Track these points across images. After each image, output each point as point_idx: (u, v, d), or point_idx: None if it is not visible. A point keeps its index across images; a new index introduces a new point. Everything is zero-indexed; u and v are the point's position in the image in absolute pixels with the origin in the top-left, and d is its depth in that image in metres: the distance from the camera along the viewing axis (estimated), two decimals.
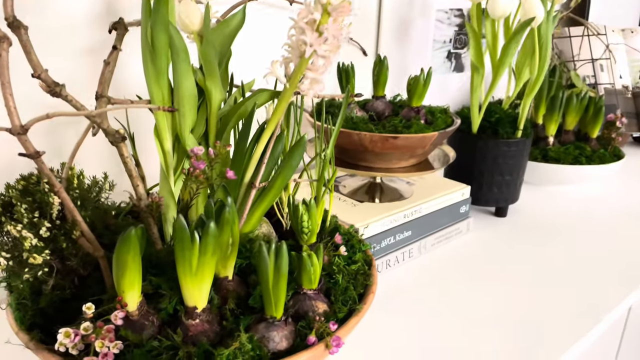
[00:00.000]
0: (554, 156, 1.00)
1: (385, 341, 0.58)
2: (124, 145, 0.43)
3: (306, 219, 0.51)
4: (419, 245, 0.76)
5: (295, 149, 0.49)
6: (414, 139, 0.68)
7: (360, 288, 0.49)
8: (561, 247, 0.81)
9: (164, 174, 0.51)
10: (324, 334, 0.42)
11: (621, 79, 1.30)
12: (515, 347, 0.58)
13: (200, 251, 0.40)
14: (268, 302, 0.42)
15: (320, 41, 0.44)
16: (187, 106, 0.49)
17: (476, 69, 0.80)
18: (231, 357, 0.39)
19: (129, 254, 0.38)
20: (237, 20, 0.51)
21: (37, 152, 0.36)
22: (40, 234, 0.40)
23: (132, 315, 0.40)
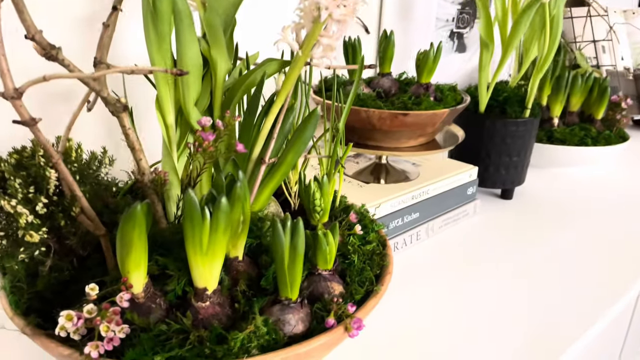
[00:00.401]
0: (560, 137, 0.98)
1: (395, 324, 0.56)
2: (125, 115, 0.40)
3: (318, 196, 0.48)
4: (426, 228, 0.74)
5: (307, 121, 0.46)
6: (424, 115, 0.65)
7: (377, 269, 0.47)
8: (570, 230, 0.79)
9: (167, 149, 0.48)
10: (342, 316, 0.40)
11: (623, 60, 1.29)
12: (527, 330, 0.56)
13: (211, 228, 0.37)
14: (283, 283, 0.40)
15: (335, 3, 0.41)
16: (191, 76, 0.46)
17: (485, 46, 0.77)
18: (246, 341, 0.36)
19: (135, 230, 0.35)
20: None
21: (32, 119, 0.33)
22: (37, 210, 0.37)
23: (138, 298, 0.37)
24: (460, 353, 0.52)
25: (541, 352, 0.52)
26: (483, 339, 0.54)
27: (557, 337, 0.55)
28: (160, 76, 0.46)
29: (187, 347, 0.35)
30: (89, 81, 0.38)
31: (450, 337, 0.54)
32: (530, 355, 0.52)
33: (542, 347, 0.53)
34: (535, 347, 0.53)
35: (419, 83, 0.71)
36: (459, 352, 0.52)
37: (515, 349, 0.53)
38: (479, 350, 0.53)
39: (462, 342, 0.54)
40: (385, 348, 0.53)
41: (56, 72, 0.33)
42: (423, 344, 0.53)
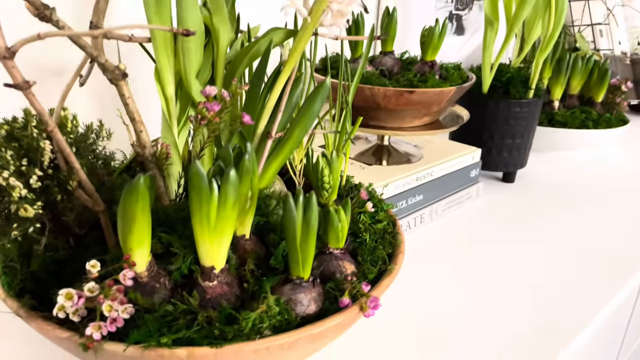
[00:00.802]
0: (561, 120, 0.96)
1: (400, 304, 0.54)
2: (124, 83, 0.38)
3: (327, 173, 0.46)
4: (430, 210, 0.72)
5: (316, 93, 0.44)
6: (431, 93, 0.63)
7: (389, 248, 0.45)
8: (572, 212, 0.78)
9: (167, 123, 0.45)
10: (357, 295, 0.38)
11: (620, 44, 1.28)
12: (531, 310, 0.54)
13: (219, 202, 0.34)
14: (295, 261, 0.37)
15: None
16: (193, 44, 0.43)
17: (490, 23, 0.75)
18: (257, 321, 0.34)
19: (138, 204, 0.33)
20: None
21: (26, 82, 0.30)
22: (31, 184, 0.34)
23: (141, 277, 0.35)
24: (465, 333, 0.51)
25: (545, 330, 0.51)
26: (487, 319, 0.53)
27: (560, 316, 0.53)
28: (160, 45, 0.43)
29: (195, 328, 0.33)
30: (86, 45, 0.36)
31: (459, 319, 0.53)
32: (535, 334, 0.50)
33: (546, 325, 0.52)
34: (539, 326, 0.52)
35: (423, 61, 0.69)
36: (463, 332, 0.51)
37: (518, 327, 0.51)
38: (483, 330, 0.51)
39: (467, 322, 0.52)
40: (389, 328, 0.51)
41: (51, 31, 0.30)
42: (428, 325, 0.52)
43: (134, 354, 0.32)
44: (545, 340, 0.50)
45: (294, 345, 0.35)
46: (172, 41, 0.43)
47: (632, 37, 1.30)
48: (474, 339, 0.50)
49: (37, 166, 0.35)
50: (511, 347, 0.49)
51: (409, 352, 0.48)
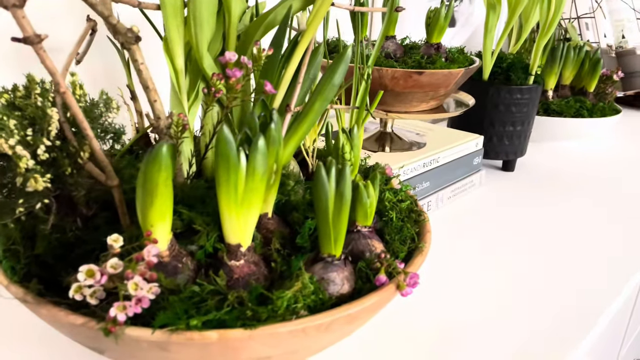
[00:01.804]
0: (556, 109, 0.96)
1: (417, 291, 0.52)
2: (137, 48, 0.34)
3: (348, 149, 0.43)
4: (436, 198, 0.71)
5: (337, 63, 0.41)
6: (440, 74, 0.61)
7: (415, 227, 0.43)
8: (571, 199, 0.77)
9: (177, 97, 0.42)
10: (393, 273, 0.35)
11: (605, 37, 1.29)
12: (543, 298, 0.53)
13: (247, 172, 0.32)
14: (326, 238, 0.35)
15: None
16: (205, 12, 0.40)
17: (492, 7, 0.74)
18: (292, 301, 0.31)
19: (161, 174, 0.30)
20: None
21: (37, 36, 0.27)
22: (38, 154, 0.31)
23: (163, 257, 0.32)
24: (470, 319, 0.49)
25: (547, 317, 0.49)
26: (494, 305, 0.51)
27: (563, 298, 0.52)
28: (170, 12, 0.40)
29: (226, 310, 0.30)
30: (96, 3, 0.32)
31: (462, 309, 0.51)
32: (540, 321, 0.49)
33: (548, 310, 0.50)
34: (541, 312, 0.50)
35: (429, 43, 0.67)
36: (469, 318, 0.49)
37: (523, 313, 0.50)
38: (488, 316, 0.49)
39: (474, 313, 0.50)
40: (394, 315, 0.49)
41: None
42: (434, 313, 0.50)
43: (160, 338, 0.29)
44: (550, 323, 0.49)
45: (330, 327, 0.32)
46: (183, 9, 0.41)
47: (617, 30, 1.31)
48: (479, 323, 0.48)
49: (44, 136, 0.31)
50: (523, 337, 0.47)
51: (408, 344, 0.46)
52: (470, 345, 0.45)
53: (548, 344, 0.46)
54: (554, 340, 0.46)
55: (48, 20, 0.54)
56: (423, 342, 0.45)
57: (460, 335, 0.46)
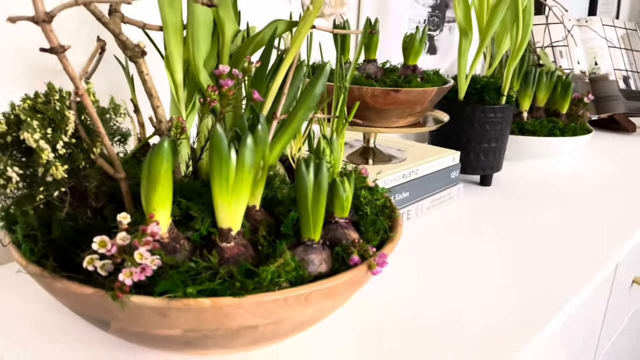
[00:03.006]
0: (530, 129, 1.02)
1: (386, 292, 0.57)
2: (143, 61, 0.40)
3: (328, 152, 0.49)
4: (416, 208, 0.76)
5: (318, 77, 0.47)
6: (415, 92, 0.67)
7: (388, 221, 0.48)
8: (547, 212, 0.82)
9: (176, 107, 0.48)
10: (365, 255, 0.40)
11: (579, 64, 1.37)
12: (508, 302, 0.58)
13: (237, 165, 0.37)
14: (306, 224, 0.40)
15: None
16: (202, 33, 0.46)
17: (464, 33, 0.81)
18: (275, 275, 0.36)
19: (163, 165, 0.35)
20: None
21: (61, 46, 0.32)
22: (57, 149, 0.36)
23: (163, 238, 0.37)
24: (443, 325, 0.53)
25: (519, 323, 0.54)
26: (460, 302, 0.56)
27: (549, 306, 0.57)
28: (171, 33, 0.46)
29: (218, 281, 0.35)
30: (108, 22, 0.38)
31: (435, 306, 0.56)
32: (509, 327, 0.53)
33: (520, 318, 0.55)
34: (513, 319, 0.54)
35: (406, 65, 0.74)
36: (441, 323, 0.53)
37: (495, 318, 0.54)
38: (461, 323, 0.54)
39: (439, 313, 0.55)
40: (371, 316, 0.53)
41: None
42: (402, 314, 0.54)
43: (160, 304, 0.34)
44: (521, 329, 0.53)
45: (309, 298, 0.37)
46: (182, 31, 0.46)
47: (590, 57, 1.39)
48: (451, 330, 0.52)
49: (62, 134, 0.37)
50: (480, 338, 0.52)
51: (375, 341, 0.50)
52: (435, 336, 0.50)
53: (505, 340, 0.50)
54: (510, 336, 0.51)
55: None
56: (392, 333, 0.50)
57: (427, 327, 0.51)
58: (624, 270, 0.87)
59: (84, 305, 0.36)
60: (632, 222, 0.80)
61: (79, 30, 0.61)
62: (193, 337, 0.37)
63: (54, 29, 0.32)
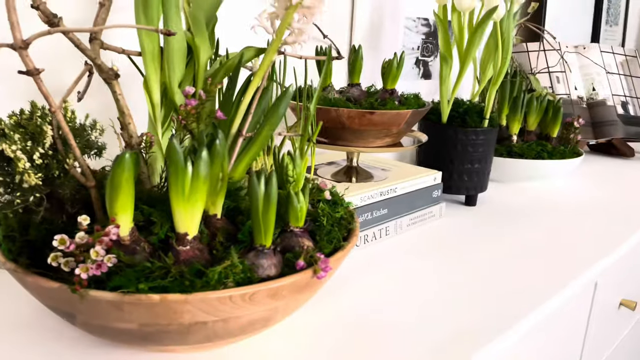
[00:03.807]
0: (518, 152, 1.05)
1: (359, 305, 0.60)
2: (116, 82, 0.45)
3: (291, 167, 0.52)
4: (395, 225, 0.79)
5: (281, 98, 0.51)
6: (390, 114, 0.71)
7: (344, 231, 0.51)
8: (525, 232, 0.84)
9: (152, 125, 0.53)
10: (312, 261, 0.44)
11: (576, 90, 1.39)
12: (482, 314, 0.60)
13: (193, 175, 0.41)
14: (258, 231, 0.44)
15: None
16: (176, 58, 0.51)
17: (445, 60, 0.85)
18: (223, 275, 0.40)
19: (124, 174, 0.39)
20: None
21: (36, 69, 0.37)
22: (34, 159, 0.41)
23: (124, 240, 0.41)
24: (401, 320, 0.56)
25: (474, 331, 0.56)
26: (423, 308, 0.58)
27: (487, 320, 0.59)
28: (149, 58, 0.51)
29: (169, 279, 0.39)
30: (85, 48, 0.43)
31: (403, 321, 0.58)
32: (464, 333, 0.55)
33: (474, 326, 0.57)
34: (470, 327, 0.57)
35: (384, 89, 0.78)
36: (400, 320, 0.56)
37: (447, 317, 0.57)
38: (419, 316, 0.56)
39: (413, 324, 0.58)
40: (333, 321, 0.56)
41: (59, 28, 0.37)
42: (369, 312, 0.57)
43: (115, 298, 0.37)
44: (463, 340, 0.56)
45: (254, 298, 0.40)
46: (159, 56, 0.51)
47: (588, 83, 1.41)
48: (405, 328, 0.55)
49: (39, 146, 0.41)
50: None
51: (333, 344, 0.53)
52: (394, 339, 0.52)
53: (461, 343, 0.53)
54: (467, 340, 0.53)
55: (55, 61, 0.65)
56: (349, 337, 0.53)
57: (387, 333, 0.53)
58: (608, 291, 0.88)
59: (52, 299, 0.41)
60: (610, 242, 0.81)
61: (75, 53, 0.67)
62: (149, 332, 0.41)
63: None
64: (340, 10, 1.02)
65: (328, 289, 0.61)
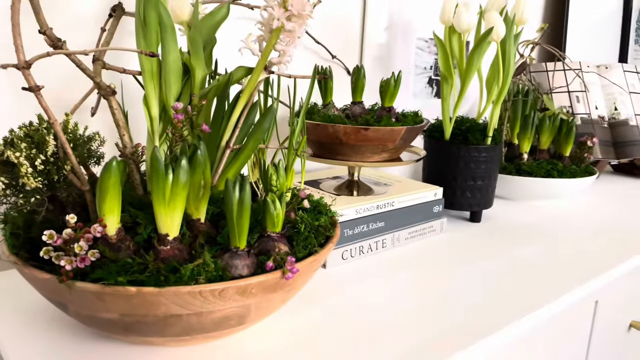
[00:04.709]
0: (527, 170, 1.05)
1: (353, 310, 0.62)
2: (113, 98, 0.50)
3: (275, 177, 0.56)
4: (392, 237, 0.81)
5: (266, 114, 0.56)
6: (384, 130, 0.74)
7: (321, 238, 0.54)
8: (527, 249, 0.84)
9: (150, 137, 0.58)
10: (282, 263, 0.47)
11: (597, 109, 1.38)
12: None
13: (173, 182, 0.45)
14: (232, 233, 0.47)
15: (285, 15, 0.52)
16: (172, 77, 0.56)
17: (445, 79, 0.88)
18: (195, 272, 0.44)
19: (110, 180, 0.44)
20: (222, 13, 0.59)
21: (37, 86, 0.43)
22: (36, 165, 0.46)
23: (111, 239, 0.45)
24: (386, 323, 0.58)
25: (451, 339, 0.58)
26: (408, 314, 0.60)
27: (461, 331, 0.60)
28: (148, 77, 0.56)
29: (146, 274, 0.43)
30: (86, 69, 0.49)
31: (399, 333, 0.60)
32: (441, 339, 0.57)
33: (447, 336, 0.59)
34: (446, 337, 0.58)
35: (382, 107, 0.81)
36: (386, 323, 0.58)
37: (428, 324, 0.59)
38: (402, 319, 0.58)
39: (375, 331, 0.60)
40: (329, 333, 0.59)
41: (58, 50, 0.43)
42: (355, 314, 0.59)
43: (97, 289, 0.42)
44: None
45: (223, 294, 0.44)
46: (158, 75, 0.57)
47: (610, 102, 1.40)
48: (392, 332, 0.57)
49: (42, 154, 0.47)
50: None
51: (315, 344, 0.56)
52: (381, 339, 0.55)
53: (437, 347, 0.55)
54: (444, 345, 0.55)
55: (66, 81, 0.72)
56: (325, 342, 0.55)
57: (375, 336, 0.56)
58: (615, 311, 0.87)
59: (46, 290, 0.46)
60: (610, 261, 0.81)
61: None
62: (130, 322, 0.45)
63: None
64: (351, 30, 1.06)
65: (314, 295, 0.64)
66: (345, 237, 0.75)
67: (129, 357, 0.50)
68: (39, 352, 0.50)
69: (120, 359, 0.50)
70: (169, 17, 0.54)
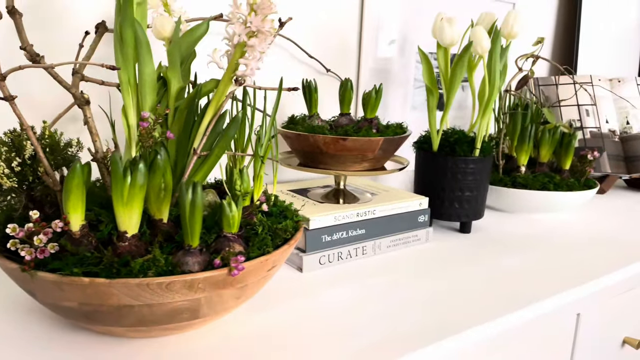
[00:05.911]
0: (522, 182, 1.05)
1: (329, 314, 0.65)
2: (87, 108, 0.55)
3: (239, 183, 0.60)
4: (373, 245, 0.83)
5: (231, 124, 0.60)
6: (362, 141, 0.77)
7: (279, 241, 0.57)
8: (510, 260, 0.84)
9: (128, 144, 0.62)
10: (226, 261, 0.50)
11: (607, 123, 1.36)
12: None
13: (130, 184, 0.50)
14: (185, 232, 0.51)
15: (246, 31, 0.55)
16: (147, 89, 0.61)
17: (430, 92, 0.90)
18: (145, 266, 0.48)
19: (74, 181, 0.48)
20: (201, 29, 0.64)
21: (11, 96, 0.48)
22: (12, 167, 0.51)
23: (75, 235, 0.50)
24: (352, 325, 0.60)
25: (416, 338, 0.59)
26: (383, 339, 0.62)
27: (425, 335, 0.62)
28: (125, 89, 0.61)
29: (100, 267, 0.47)
30: (62, 80, 0.54)
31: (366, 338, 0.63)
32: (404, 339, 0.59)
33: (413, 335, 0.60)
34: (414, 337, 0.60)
35: (364, 118, 0.84)
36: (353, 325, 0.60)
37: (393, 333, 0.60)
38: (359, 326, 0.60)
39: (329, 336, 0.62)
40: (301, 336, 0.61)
41: (29, 64, 0.48)
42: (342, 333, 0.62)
43: (55, 279, 0.46)
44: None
45: (170, 287, 0.48)
46: (135, 87, 0.61)
47: (622, 116, 1.38)
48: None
49: (19, 157, 0.52)
50: None
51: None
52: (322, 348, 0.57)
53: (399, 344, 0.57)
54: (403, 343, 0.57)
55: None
56: (283, 342, 0.58)
57: (314, 341, 0.58)
58: (603, 326, 0.86)
59: (17, 279, 0.50)
60: (594, 274, 0.80)
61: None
62: (88, 311, 0.49)
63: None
64: (349, 45, 1.09)
65: (284, 296, 0.67)
66: (322, 242, 0.77)
67: (96, 346, 0.54)
68: (21, 339, 0.55)
69: (90, 347, 0.54)
70: (144, 34, 0.59)
